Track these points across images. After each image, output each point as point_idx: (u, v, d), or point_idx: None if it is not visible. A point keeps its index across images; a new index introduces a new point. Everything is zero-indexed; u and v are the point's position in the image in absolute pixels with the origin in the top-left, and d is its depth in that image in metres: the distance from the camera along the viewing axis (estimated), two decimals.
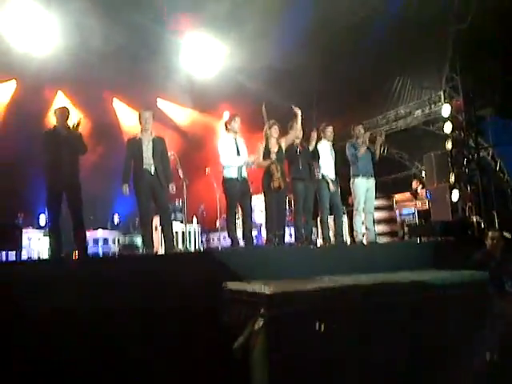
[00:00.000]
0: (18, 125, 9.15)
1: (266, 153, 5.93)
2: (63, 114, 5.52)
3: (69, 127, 5.45)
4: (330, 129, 6.66)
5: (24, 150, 8.65)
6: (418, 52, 9.55)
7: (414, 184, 10.03)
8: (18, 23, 8.74)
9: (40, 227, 8.32)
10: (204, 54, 10.57)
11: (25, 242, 6.07)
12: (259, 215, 8.10)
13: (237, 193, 5.73)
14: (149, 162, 5.50)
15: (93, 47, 9.46)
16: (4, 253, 3.96)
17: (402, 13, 9.04)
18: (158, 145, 5.66)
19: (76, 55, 9.51)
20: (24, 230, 6.23)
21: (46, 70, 9.40)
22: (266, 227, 6.15)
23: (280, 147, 6.04)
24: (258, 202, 7.48)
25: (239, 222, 6.41)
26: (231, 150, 5.83)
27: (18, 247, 4.07)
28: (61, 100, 10.59)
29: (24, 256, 6.11)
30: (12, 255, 5.27)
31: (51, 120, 5.64)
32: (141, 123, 5.67)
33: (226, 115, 12.16)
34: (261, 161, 5.92)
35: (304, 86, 10.66)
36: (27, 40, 9.05)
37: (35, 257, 7.00)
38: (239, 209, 6.01)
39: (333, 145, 6.79)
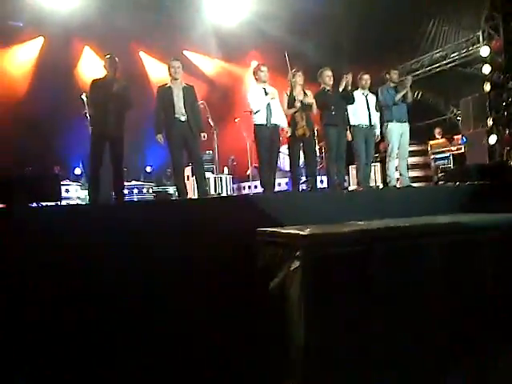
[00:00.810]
0: (47, 80, 9.22)
1: (291, 101, 5.88)
2: (112, 63, 5.48)
3: (117, 79, 5.45)
4: (366, 76, 6.46)
5: (54, 105, 8.77)
6: None
7: (437, 132, 9.74)
8: None
9: (76, 180, 8.53)
10: (229, 2, 10.30)
11: (63, 193, 6.24)
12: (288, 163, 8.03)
13: (266, 139, 5.71)
14: (180, 111, 5.49)
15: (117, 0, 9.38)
16: (44, 204, 4.08)
17: None
18: (189, 93, 5.64)
19: (101, 9, 9.44)
20: (62, 182, 6.41)
21: (71, 25, 9.45)
22: (291, 175, 6.18)
23: (306, 95, 5.99)
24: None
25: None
26: (260, 98, 5.80)
27: (58, 198, 4.18)
28: (88, 55, 10.58)
29: None
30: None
31: (85, 73, 5.66)
32: (170, 73, 5.62)
33: (254, 64, 11.97)
34: (286, 109, 5.91)
35: (333, 34, 10.33)
36: None
37: None
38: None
39: (371, 93, 6.61)
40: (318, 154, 9.15)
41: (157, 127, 5.58)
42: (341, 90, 6.12)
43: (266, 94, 5.80)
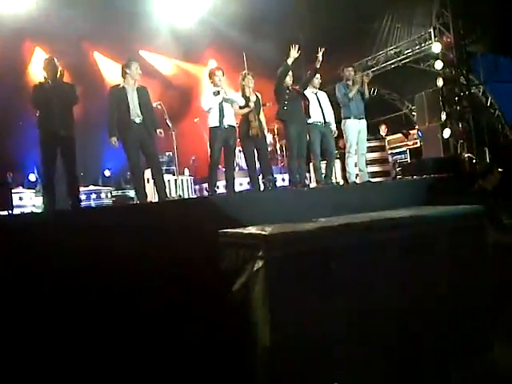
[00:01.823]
0: None
1: (245, 102, 5.94)
2: (51, 64, 5.32)
3: (58, 79, 5.28)
4: (318, 76, 6.51)
5: (5, 108, 8.44)
6: None
7: (383, 129, 9.97)
8: None
9: (30, 186, 8.22)
10: (184, 1, 10.20)
11: (16, 201, 6.01)
12: None
13: (219, 141, 5.75)
14: (136, 113, 5.38)
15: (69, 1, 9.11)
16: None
17: None
18: (143, 94, 5.53)
19: (52, 9, 9.15)
20: (14, 190, 6.17)
21: (21, 27, 9.11)
22: (248, 174, 6.24)
23: (257, 97, 6.10)
24: None
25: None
26: (212, 99, 5.83)
27: (8, 207, 4.00)
28: (39, 56, 10.21)
29: None
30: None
31: (36, 75, 5.48)
32: (126, 73, 5.49)
33: (212, 64, 11.91)
34: (238, 109, 5.98)
35: (289, 31, 10.38)
36: None
37: None
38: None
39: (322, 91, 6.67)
40: (278, 152, 9.22)
41: (110, 130, 5.42)
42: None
43: (218, 94, 5.78)
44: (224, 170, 6.16)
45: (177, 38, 10.67)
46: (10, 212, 3.97)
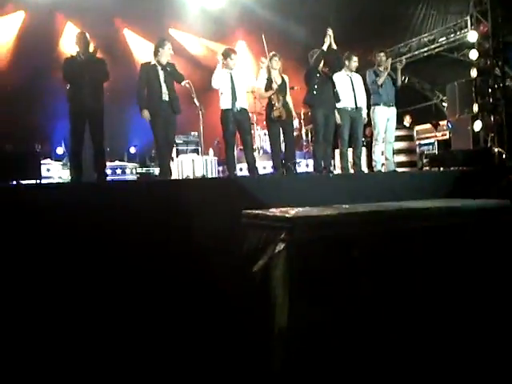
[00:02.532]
0: (28, 56, 8.99)
1: (269, 84, 5.95)
2: (83, 39, 5.38)
3: (90, 53, 5.34)
4: (354, 58, 6.37)
5: (36, 81, 8.56)
6: None
7: (407, 120, 9.76)
8: None
9: (58, 159, 8.36)
10: None
11: (44, 172, 6.11)
12: None
13: (232, 123, 5.78)
14: (165, 91, 5.47)
15: None
16: (24, 182, 3.99)
17: None
18: (172, 71, 5.62)
19: None
20: (42, 161, 6.27)
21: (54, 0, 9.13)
22: (271, 157, 6.24)
23: (283, 79, 6.07)
24: None
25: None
26: (226, 86, 5.87)
27: (37, 176, 4.09)
28: (71, 30, 10.29)
29: None
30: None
31: (67, 49, 5.56)
32: (158, 52, 5.54)
33: (242, 45, 11.83)
34: (263, 92, 6.04)
35: (320, 13, 10.19)
36: None
37: None
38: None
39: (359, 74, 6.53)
40: (304, 137, 9.15)
41: (142, 103, 5.51)
42: (325, 48, 6.03)
43: (234, 91, 5.80)
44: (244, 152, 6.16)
45: (207, 18, 10.63)
46: (39, 181, 4.04)
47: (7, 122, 8.26)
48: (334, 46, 6.04)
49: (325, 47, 5.96)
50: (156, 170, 8.34)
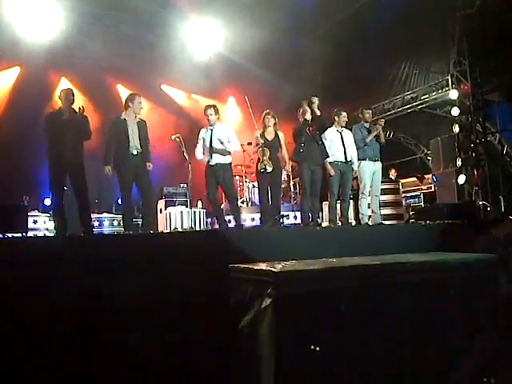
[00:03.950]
0: (21, 109, 9.13)
1: (262, 139, 6.20)
2: (68, 95, 5.47)
3: (74, 110, 5.42)
4: (343, 114, 6.57)
5: (28, 134, 8.64)
6: (424, 37, 9.49)
7: (392, 173, 9.97)
8: (23, 12, 8.71)
9: (45, 210, 8.33)
10: (206, 38, 10.51)
11: (30, 224, 6.08)
12: None
13: (209, 177, 5.96)
14: (134, 145, 5.50)
15: (95, 33, 9.47)
16: (10, 235, 3.97)
17: None
18: (143, 127, 5.68)
19: (79, 42, 9.51)
20: (29, 213, 6.25)
21: (49, 56, 9.44)
22: (259, 209, 6.39)
23: (277, 135, 6.25)
24: None
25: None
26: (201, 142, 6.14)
27: (23, 229, 4.06)
28: (64, 85, 10.54)
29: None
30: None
31: (56, 103, 5.64)
32: (128, 106, 5.63)
33: (231, 101, 12.17)
34: (253, 147, 6.38)
35: (308, 70, 10.60)
36: (31, 28, 9.05)
37: None
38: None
39: (348, 129, 6.72)
40: (292, 189, 9.25)
41: (107, 158, 5.55)
42: (309, 117, 6.20)
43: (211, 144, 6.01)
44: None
45: (198, 74, 10.92)
46: (24, 234, 4.01)
47: None
48: (318, 113, 6.24)
49: (308, 116, 6.17)
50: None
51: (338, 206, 6.48)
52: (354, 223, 7.07)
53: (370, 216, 6.54)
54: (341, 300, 2.82)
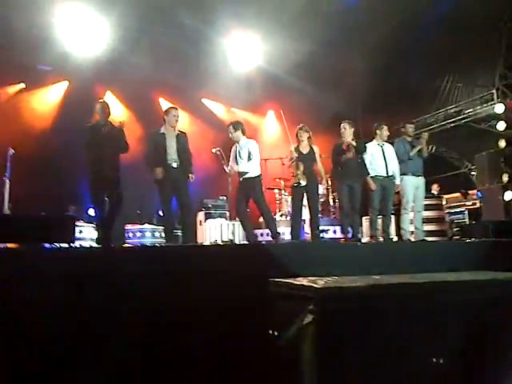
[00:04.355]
0: (69, 122, 9.46)
1: (296, 153, 6.25)
2: (104, 108, 5.62)
3: (110, 123, 5.55)
4: (386, 128, 6.52)
5: (74, 146, 8.94)
6: (468, 50, 9.30)
7: (435, 188, 9.71)
8: (72, 27, 9.10)
9: (90, 221, 8.57)
10: (246, 52, 10.63)
11: (76, 234, 6.26)
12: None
13: (239, 194, 6.01)
14: (172, 158, 5.59)
15: (140, 48, 9.77)
16: (58, 245, 4.10)
17: (452, 10, 8.83)
18: (182, 140, 5.76)
19: (124, 56, 9.83)
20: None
21: (95, 70, 9.76)
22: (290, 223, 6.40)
23: (312, 149, 6.27)
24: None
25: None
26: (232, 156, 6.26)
27: (71, 239, 4.19)
28: (109, 99, 10.90)
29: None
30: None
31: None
32: (169, 120, 5.72)
33: (271, 115, 12.25)
34: (287, 161, 6.44)
35: (350, 85, 10.56)
36: (79, 43, 9.43)
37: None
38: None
39: (390, 143, 6.66)
40: (331, 203, 9.18)
41: (151, 165, 5.61)
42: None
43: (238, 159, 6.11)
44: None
45: (237, 88, 11.05)
46: (72, 244, 4.14)
47: (44, 184, 8.59)
48: (354, 143, 6.22)
49: (347, 136, 6.27)
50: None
51: (380, 221, 6.39)
52: (395, 239, 6.94)
53: (412, 232, 6.40)
54: (383, 318, 2.77)
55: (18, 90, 10.05)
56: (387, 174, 6.31)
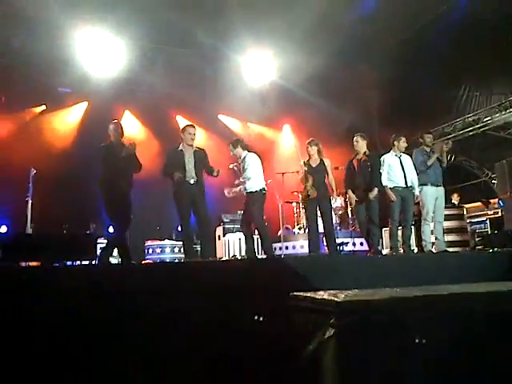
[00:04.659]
0: (88, 141, 9.63)
1: (306, 167, 6.33)
2: (117, 129, 5.71)
3: (123, 143, 5.64)
4: (403, 139, 6.49)
5: (94, 165, 9.11)
6: (485, 58, 9.23)
7: (455, 198, 9.56)
8: (91, 49, 9.32)
9: (110, 237, 8.66)
10: (261, 68, 10.71)
11: (98, 251, 6.35)
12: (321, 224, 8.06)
13: (245, 206, 6.08)
14: (191, 175, 5.62)
15: (156, 68, 9.97)
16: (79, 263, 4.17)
17: (467, 18, 8.81)
18: (200, 156, 5.80)
19: (141, 76, 10.05)
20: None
21: (113, 91, 9.99)
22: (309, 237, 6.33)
23: (322, 162, 6.31)
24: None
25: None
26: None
27: (93, 257, 4.26)
28: (128, 118, 11.12)
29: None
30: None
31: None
32: (186, 138, 5.77)
33: (287, 129, 12.31)
34: (298, 176, 6.50)
35: (364, 96, 10.56)
36: (97, 64, 9.63)
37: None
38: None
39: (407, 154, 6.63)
40: (350, 215, 9.12)
41: (170, 172, 5.62)
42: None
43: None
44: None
45: (253, 104, 11.15)
46: (94, 261, 4.20)
47: (65, 203, 8.74)
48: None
49: (360, 148, 6.31)
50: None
51: (400, 232, 6.32)
52: (415, 250, 6.85)
53: (433, 243, 6.31)
54: (405, 331, 2.73)
55: (39, 112, 10.33)
56: (406, 184, 6.26)
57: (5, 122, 9.85)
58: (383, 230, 7.50)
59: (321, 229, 6.28)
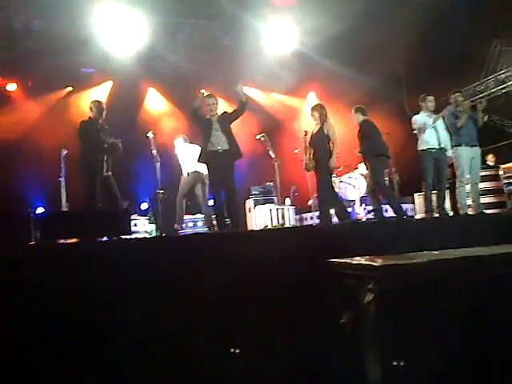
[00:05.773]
0: (115, 120, 9.70)
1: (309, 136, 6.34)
2: (98, 105, 5.88)
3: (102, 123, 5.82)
4: (430, 98, 6.29)
5: (122, 143, 9.20)
6: None
7: (490, 159, 9.25)
8: (111, 27, 9.20)
9: (142, 214, 8.81)
10: (282, 36, 10.43)
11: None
12: (352, 192, 8.01)
13: None
14: (219, 143, 5.65)
15: (177, 42, 9.87)
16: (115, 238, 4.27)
17: None
18: (225, 121, 5.79)
19: (163, 52, 9.96)
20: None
21: (136, 69, 9.99)
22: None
23: (321, 128, 6.20)
24: (351, 180, 7.47)
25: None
26: None
27: (128, 232, 4.33)
28: (152, 95, 11.15)
29: None
30: None
31: (144, 112, 5.99)
32: (206, 109, 5.85)
33: (311, 96, 12.09)
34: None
35: (389, 58, 10.23)
36: (119, 42, 9.52)
37: None
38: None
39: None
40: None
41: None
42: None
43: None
44: None
45: (276, 73, 10.98)
46: (130, 236, 4.29)
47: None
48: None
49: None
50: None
51: (434, 196, 6.20)
52: (451, 214, 6.72)
53: (469, 205, 6.16)
54: (444, 293, 2.70)
55: (66, 93, 10.41)
56: (439, 145, 6.08)
57: (33, 106, 9.99)
58: (416, 194, 7.36)
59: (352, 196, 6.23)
